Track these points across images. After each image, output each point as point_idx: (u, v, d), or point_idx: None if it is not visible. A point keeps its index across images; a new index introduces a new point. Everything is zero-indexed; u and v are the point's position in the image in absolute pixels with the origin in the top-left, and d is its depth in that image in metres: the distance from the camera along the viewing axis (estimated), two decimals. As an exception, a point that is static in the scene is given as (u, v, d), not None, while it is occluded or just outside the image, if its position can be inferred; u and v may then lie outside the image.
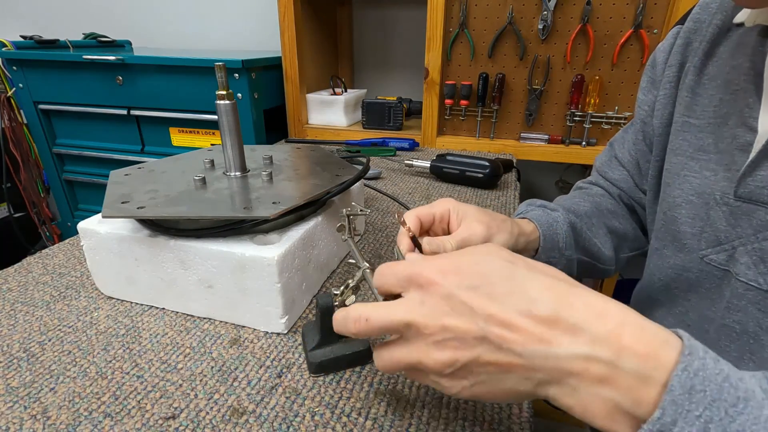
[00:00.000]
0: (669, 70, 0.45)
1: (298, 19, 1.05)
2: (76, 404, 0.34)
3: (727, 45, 0.40)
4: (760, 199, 0.34)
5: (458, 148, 1.07)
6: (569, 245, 0.48)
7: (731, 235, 0.36)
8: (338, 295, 0.36)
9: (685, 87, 0.43)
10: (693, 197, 0.40)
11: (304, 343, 0.39)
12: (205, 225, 0.41)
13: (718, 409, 0.20)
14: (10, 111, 1.25)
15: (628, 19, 0.90)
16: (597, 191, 0.57)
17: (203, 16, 1.44)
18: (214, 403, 0.34)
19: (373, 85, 1.38)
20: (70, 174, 1.29)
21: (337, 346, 0.38)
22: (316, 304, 0.37)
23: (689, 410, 0.20)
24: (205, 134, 1.12)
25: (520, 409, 0.34)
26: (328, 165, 0.55)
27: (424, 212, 0.40)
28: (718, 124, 0.39)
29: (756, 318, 0.35)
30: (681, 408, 0.20)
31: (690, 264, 0.41)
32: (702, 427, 0.20)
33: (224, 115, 0.48)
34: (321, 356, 0.37)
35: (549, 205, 0.51)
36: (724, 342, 0.37)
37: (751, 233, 0.35)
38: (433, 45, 1.00)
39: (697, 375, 0.20)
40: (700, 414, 0.20)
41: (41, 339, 0.40)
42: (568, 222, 0.48)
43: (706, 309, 0.40)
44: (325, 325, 0.37)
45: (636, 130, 0.53)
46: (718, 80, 0.40)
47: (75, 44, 1.26)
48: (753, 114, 0.35)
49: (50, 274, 0.51)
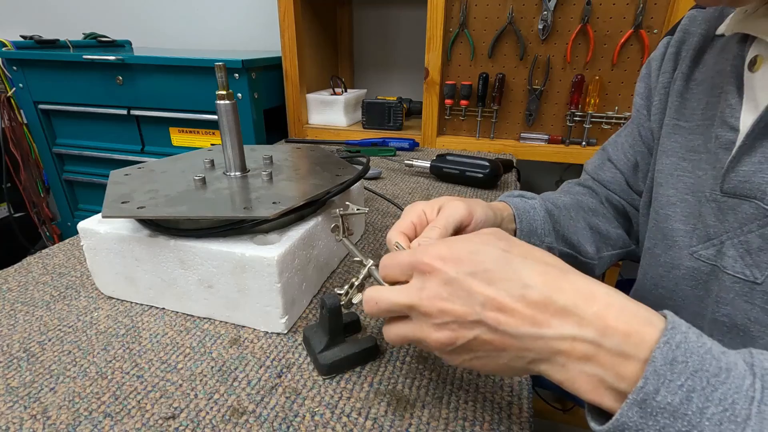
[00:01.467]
0: (662, 77, 0.47)
1: (298, 19, 1.05)
2: (76, 404, 0.34)
3: (711, 53, 0.42)
4: (743, 193, 0.35)
5: (458, 148, 1.07)
6: (548, 232, 0.48)
7: (719, 230, 0.38)
8: (343, 295, 0.36)
9: (674, 92, 0.45)
10: (688, 196, 0.42)
11: (309, 346, 0.39)
12: (205, 225, 0.41)
13: (701, 379, 0.21)
14: (10, 111, 1.25)
15: (628, 19, 0.90)
16: (579, 190, 0.58)
17: (203, 16, 1.44)
18: (214, 403, 0.34)
19: (373, 85, 1.38)
20: (70, 174, 1.29)
21: (345, 345, 0.38)
22: (322, 305, 0.37)
23: (671, 380, 0.21)
24: (205, 134, 1.12)
25: (520, 409, 0.34)
26: (328, 165, 0.55)
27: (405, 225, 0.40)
28: (706, 125, 0.41)
29: (744, 310, 0.36)
30: (663, 378, 0.21)
31: (679, 261, 0.42)
32: (685, 396, 0.21)
33: (224, 115, 0.48)
34: (332, 357, 0.37)
35: (527, 194, 0.51)
36: (717, 336, 0.38)
37: (737, 226, 0.36)
38: (433, 45, 1.00)
39: (679, 347, 0.22)
40: (683, 383, 0.21)
41: (41, 339, 0.40)
42: (545, 209, 0.49)
43: (695, 305, 0.41)
44: (332, 326, 0.37)
45: (633, 132, 0.54)
46: (705, 85, 0.42)
47: (75, 44, 1.26)
48: (735, 114, 0.37)
49: (50, 274, 0.51)
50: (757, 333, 0.35)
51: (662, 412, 0.21)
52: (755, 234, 0.35)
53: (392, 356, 0.39)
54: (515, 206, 0.47)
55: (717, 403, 0.20)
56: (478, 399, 0.35)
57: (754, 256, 0.35)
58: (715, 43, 0.42)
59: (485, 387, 0.36)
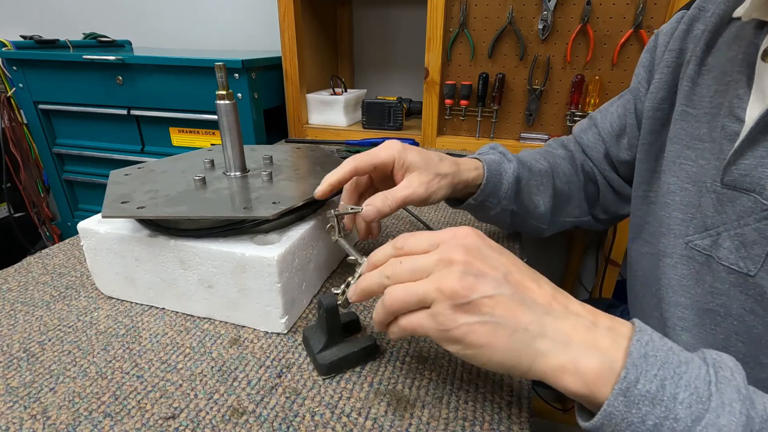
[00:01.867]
0: (668, 54, 0.46)
1: (298, 19, 1.05)
2: (76, 404, 0.34)
3: (726, 37, 0.41)
4: (743, 187, 0.35)
5: (458, 148, 1.07)
6: (509, 197, 0.50)
7: (717, 221, 0.38)
8: (340, 294, 0.36)
9: (686, 77, 0.43)
10: (688, 185, 0.41)
11: (308, 346, 0.39)
12: (205, 225, 0.41)
13: (668, 369, 0.24)
14: (10, 111, 1.25)
15: (628, 19, 0.90)
16: (560, 153, 0.59)
17: (203, 16, 1.44)
18: (214, 403, 0.34)
19: (373, 85, 1.38)
20: (70, 174, 1.29)
21: (344, 345, 0.38)
22: (319, 305, 0.37)
23: (647, 370, 0.24)
24: (205, 134, 1.12)
25: (520, 409, 0.34)
26: (328, 165, 0.55)
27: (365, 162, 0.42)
28: (713, 114, 0.40)
29: (740, 300, 0.36)
30: (641, 368, 0.24)
31: (672, 249, 0.42)
32: (659, 383, 0.24)
33: (224, 115, 0.48)
34: (330, 357, 0.37)
35: (508, 154, 0.53)
36: (709, 326, 0.39)
37: (735, 219, 0.36)
38: (433, 45, 1.00)
39: (648, 345, 0.25)
40: (656, 373, 0.24)
41: (41, 339, 0.40)
42: (516, 175, 0.50)
43: (679, 295, 0.41)
44: (330, 326, 0.37)
45: (627, 102, 0.54)
46: (716, 71, 0.41)
47: (75, 44, 1.26)
48: (742, 105, 0.36)
49: (50, 274, 0.51)
50: (752, 322, 0.35)
51: (643, 399, 0.24)
52: (751, 227, 0.35)
53: (392, 356, 0.39)
54: (488, 166, 0.49)
55: (684, 389, 0.24)
56: (478, 399, 0.35)
57: (748, 248, 0.35)
58: (731, 27, 0.40)
59: (485, 387, 0.36)
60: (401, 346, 0.40)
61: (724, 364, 0.25)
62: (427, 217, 0.68)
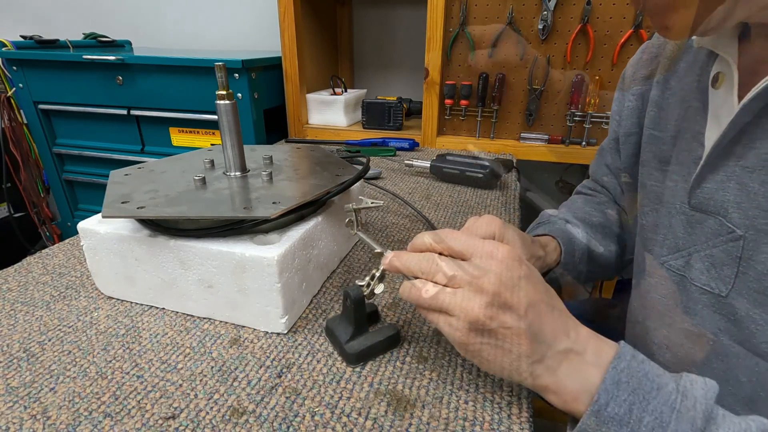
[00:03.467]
0: (634, 83, 0.48)
1: (298, 19, 1.05)
2: (76, 404, 0.34)
3: (685, 61, 0.42)
4: (708, 210, 0.36)
5: (458, 148, 1.07)
6: (583, 260, 0.52)
7: (687, 242, 0.38)
8: (365, 286, 0.37)
9: (652, 101, 0.45)
10: (658, 206, 0.42)
11: (333, 337, 0.40)
12: (205, 225, 0.41)
13: (638, 395, 0.27)
14: (10, 111, 1.25)
15: (628, 19, 0.90)
16: (603, 199, 0.60)
17: (203, 16, 1.44)
18: (214, 403, 0.34)
19: (373, 85, 1.38)
20: (70, 174, 1.29)
21: (369, 335, 0.39)
22: (346, 296, 0.38)
23: (617, 395, 0.27)
24: (205, 134, 1.12)
25: (520, 409, 0.34)
26: (328, 165, 0.55)
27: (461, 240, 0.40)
28: (679, 137, 0.41)
29: (714, 320, 0.36)
30: (611, 393, 0.27)
31: (652, 269, 0.43)
32: (628, 408, 0.27)
33: (224, 115, 0.48)
34: (358, 346, 0.38)
35: (570, 219, 0.54)
36: (688, 345, 0.39)
37: (704, 240, 0.37)
38: (433, 45, 1.00)
39: (623, 371, 0.28)
40: (626, 398, 0.27)
41: (41, 339, 0.40)
42: (586, 239, 0.52)
43: (664, 314, 0.42)
44: (357, 316, 0.38)
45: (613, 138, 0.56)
46: (678, 95, 0.42)
47: (75, 44, 1.26)
48: (701, 130, 0.37)
49: (50, 274, 0.51)
50: (727, 342, 0.36)
51: (612, 421, 0.27)
52: (719, 249, 0.35)
53: (392, 356, 0.39)
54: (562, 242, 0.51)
55: (650, 413, 0.26)
56: (478, 399, 0.35)
57: (718, 269, 0.35)
58: (689, 52, 0.42)
59: (485, 387, 0.36)
60: (401, 346, 0.40)
61: (693, 392, 0.27)
62: (428, 216, 0.68)
